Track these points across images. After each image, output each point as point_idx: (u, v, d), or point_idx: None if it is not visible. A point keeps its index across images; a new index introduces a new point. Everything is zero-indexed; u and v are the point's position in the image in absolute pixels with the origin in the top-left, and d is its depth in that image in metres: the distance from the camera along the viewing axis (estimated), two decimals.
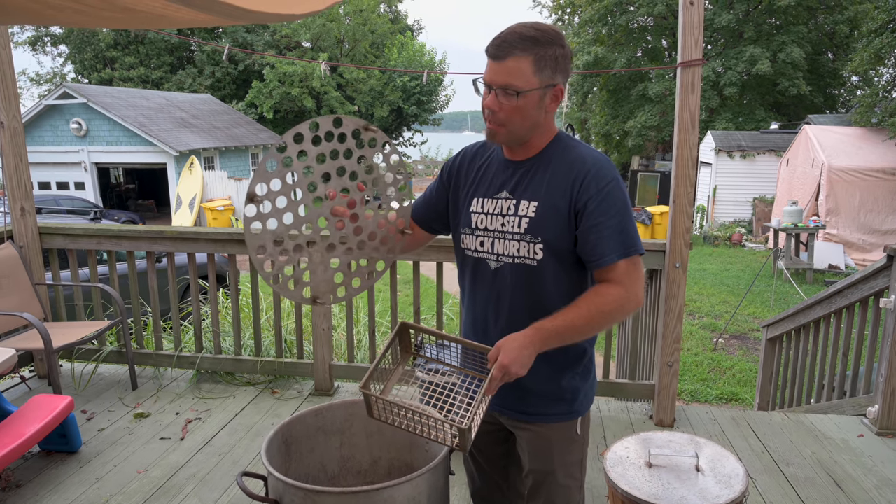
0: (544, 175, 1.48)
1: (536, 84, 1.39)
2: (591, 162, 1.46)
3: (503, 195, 1.52)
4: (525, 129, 1.46)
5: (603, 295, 1.42)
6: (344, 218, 1.57)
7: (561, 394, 1.55)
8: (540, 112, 1.44)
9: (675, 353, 3.12)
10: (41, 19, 0.90)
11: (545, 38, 1.39)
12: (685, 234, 2.98)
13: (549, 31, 1.40)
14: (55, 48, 31.19)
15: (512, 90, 1.39)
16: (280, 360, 3.67)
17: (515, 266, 1.50)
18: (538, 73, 1.39)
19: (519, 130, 1.46)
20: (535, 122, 1.46)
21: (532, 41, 1.37)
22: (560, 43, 1.41)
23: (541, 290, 1.50)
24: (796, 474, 2.76)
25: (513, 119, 1.43)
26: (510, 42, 1.38)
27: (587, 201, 1.43)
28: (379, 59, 29.17)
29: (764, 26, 21.34)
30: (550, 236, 1.46)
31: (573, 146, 1.51)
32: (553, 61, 1.40)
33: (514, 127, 1.45)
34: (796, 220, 11.40)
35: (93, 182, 19.37)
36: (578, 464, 1.61)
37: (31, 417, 2.63)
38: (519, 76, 1.38)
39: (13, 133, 3.52)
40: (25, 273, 3.58)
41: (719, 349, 7.63)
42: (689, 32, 2.79)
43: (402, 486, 1.45)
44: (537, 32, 1.38)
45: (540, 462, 1.59)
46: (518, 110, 1.42)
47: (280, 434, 1.71)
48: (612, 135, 25.56)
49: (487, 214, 1.54)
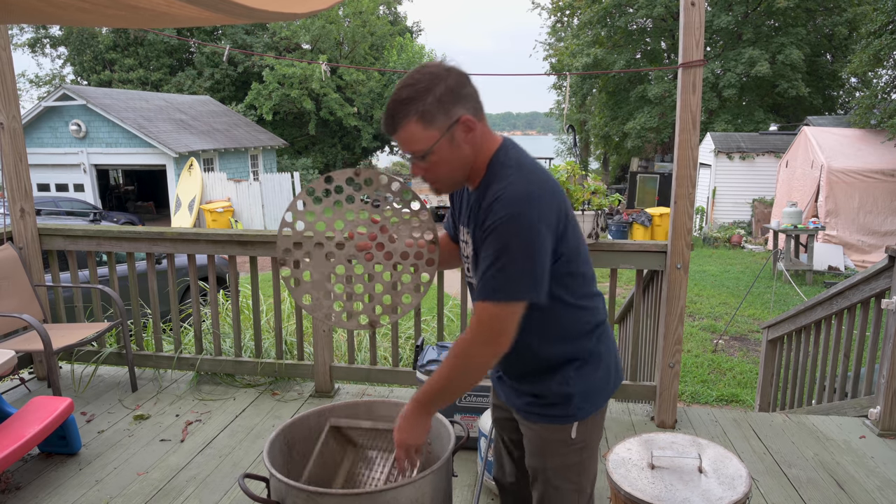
0: (479, 206, 1.46)
1: (436, 136, 1.38)
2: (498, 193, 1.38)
3: (466, 226, 1.56)
4: (459, 173, 1.46)
5: (456, 345, 1.43)
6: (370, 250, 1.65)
7: (551, 398, 1.55)
8: (460, 151, 1.42)
9: (676, 354, 3.11)
10: (45, 18, 0.89)
11: (418, 90, 1.36)
12: (686, 234, 2.98)
13: (422, 79, 1.37)
14: (54, 50, 31.22)
15: (418, 155, 1.40)
16: (280, 361, 3.66)
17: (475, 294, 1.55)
18: (430, 126, 1.37)
19: (454, 177, 1.46)
20: (462, 162, 1.44)
21: (408, 102, 1.36)
22: (436, 83, 1.37)
23: None
24: (798, 476, 2.75)
25: (439, 174, 1.44)
26: (392, 114, 1.39)
27: (482, 234, 1.40)
28: (378, 61, 29.18)
29: (763, 28, 21.38)
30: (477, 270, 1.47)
31: (503, 169, 1.43)
32: (438, 105, 1.36)
33: (447, 178, 1.46)
34: (796, 222, 11.40)
35: (92, 184, 19.36)
36: (575, 467, 1.58)
37: (30, 419, 2.62)
38: (415, 141, 1.39)
39: (13, 134, 3.51)
40: (25, 274, 3.57)
41: (719, 351, 7.62)
42: (691, 33, 2.78)
43: (404, 487, 1.44)
44: (409, 90, 1.37)
45: (534, 459, 1.60)
46: (437, 165, 1.42)
47: (282, 435, 1.70)
48: (611, 136, 25.59)
49: (462, 243, 1.59)
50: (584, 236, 3.03)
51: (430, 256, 1.67)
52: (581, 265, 1.52)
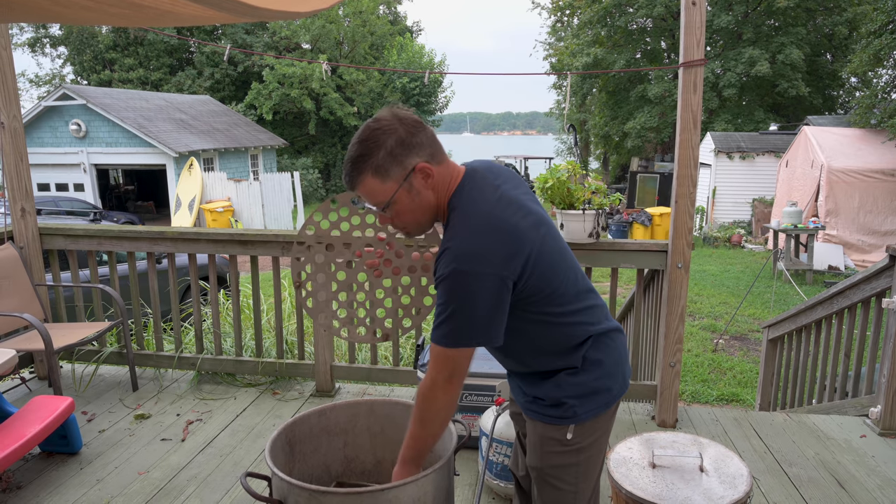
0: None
1: (394, 187, 1.42)
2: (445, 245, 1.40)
3: None
4: (424, 217, 1.49)
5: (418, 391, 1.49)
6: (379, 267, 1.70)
7: (547, 401, 1.57)
8: (421, 197, 1.45)
9: (677, 353, 3.11)
10: (48, 16, 0.89)
11: (370, 146, 1.39)
12: (688, 234, 2.98)
13: (371, 135, 1.40)
14: (54, 49, 31.21)
15: (380, 207, 1.45)
16: (281, 361, 3.66)
17: None
18: (387, 179, 1.41)
19: (420, 222, 1.50)
20: (425, 207, 1.47)
21: (361, 159, 1.40)
22: (386, 136, 1.39)
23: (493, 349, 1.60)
24: (799, 475, 2.75)
25: (405, 221, 1.49)
26: (348, 172, 1.43)
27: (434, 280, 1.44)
28: (378, 61, 29.18)
29: (763, 28, 21.38)
30: None
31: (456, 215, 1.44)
32: (391, 158, 1.39)
33: (412, 224, 1.50)
34: (796, 221, 11.40)
35: (92, 183, 19.36)
36: (570, 469, 1.58)
37: (31, 419, 2.62)
38: (375, 194, 1.43)
39: (13, 133, 3.51)
40: (26, 274, 3.57)
41: (720, 350, 7.62)
42: (692, 32, 2.78)
43: (407, 486, 1.44)
44: (361, 146, 1.40)
45: (531, 456, 1.62)
46: (400, 214, 1.47)
47: (284, 434, 1.71)
48: (611, 136, 25.59)
49: None
50: (586, 235, 3.03)
51: None
52: (562, 285, 1.49)
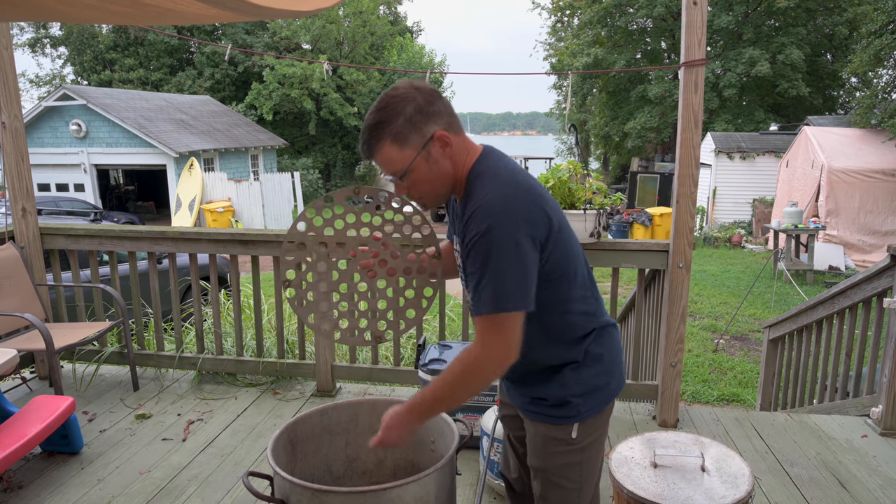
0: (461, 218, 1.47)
1: (412, 155, 1.40)
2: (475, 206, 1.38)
3: (457, 238, 1.55)
4: (441, 187, 1.47)
5: (462, 357, 1.42)
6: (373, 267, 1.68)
7: (552, 401, 1.55)
8: (439, 166, 1.43)
9: (678, 353, 3.11)
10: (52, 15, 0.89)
11: (388, 113, 1.38)
12: (689, 233, 2.98)
13: (390, 101, 1.39)
14: (54, 50, 31.22)
15: (398, 175, 1.43)
16: (282, 360, 3.66)
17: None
18: (405, 146, 1.39)
19: (437, 191, 1.47)
20: (442, 177, 1.45)
21: (379, 126, 1.38)
22: (404, 104, 1.38)
23: None
24: (801, 475, 2.75)
25: (422, 190, 1.46)
26: (366, 140, 1.41)
27: (464, 250, 1.41)
28: (379, 61, 29.19)
29: (763, 28, 21.39)
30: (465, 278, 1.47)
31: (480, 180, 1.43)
32: (410, 125, 1.38)
33: (430, 194, 1.48)
34: (796, 222, 11.41)
35: (92, 184, 19.37)
36: (575, 467, 1.58)
37: (32, 418, 2.62)
38: (392, 162, 1.41)
39: (14, 133, 3.51)
40: (27, 274, 3.57)
41: (720, 350, 7.62)
42: (693, 32, 2.78)
43: (409, 485, 1.44)
44: (379, 113, 1.39)
45: (535, 458, 1.61)
46: (417, 183, 1.44)
47: (286, 434, 1.70)
48: (611, 136, 25.60)
49: (458, 253, 1.58)
50: (587, 235, 3.03)
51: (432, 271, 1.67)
52: (576, 269, 1.50)
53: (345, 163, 28.75)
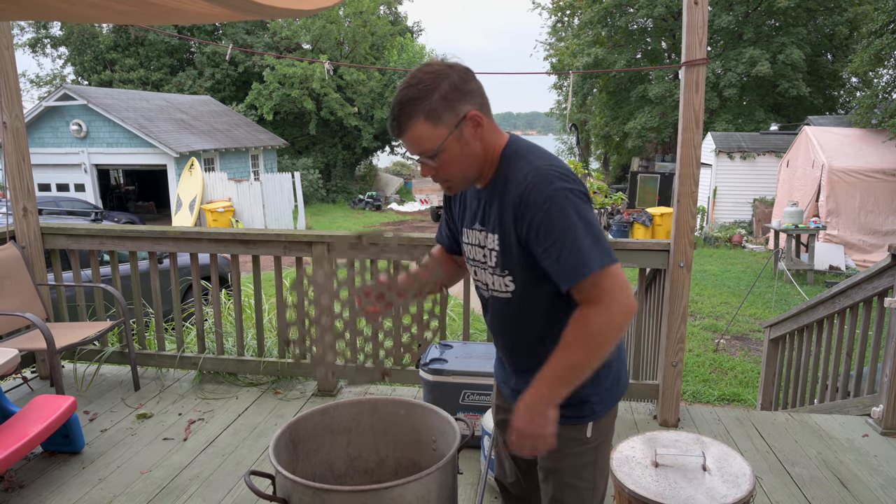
0: (500, 201, 1.43)
1: (445, 134, 1.35)
2: (527, 181, 1.35)
3: (477, 226, 1.51)
4: (471, 170, 1.42)
5: (586, 321, 1.34)
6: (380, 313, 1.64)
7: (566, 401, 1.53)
8: (469, 147, 1.39)
9: (679, 352, 3.11)
10: (56, 14, 0.89)
11: (422, 89, 1.33)
12: (689, 233, 2.98)
13: (425, 78, 1.34)
14: (55, 50, 31.21)
15: (427, 155, 1.38)
16: (283, 360, 3.66)
17: (496, 298, 1.53)
18: (439, 125, 1.34)
19: (466, 174, 1.43)
20: (473, 159, 1.41)
21: (413, 102, 1.33)
22: (440, 81, 1.34)
23: (524, 318, 1.50)
24: (802, 474, 2.75)
25: (451, 172, 1.41)
26: (397, 115, 1.35)
27: (528, 229, 1.35)
28: (379, 61, 29.18)
29: (763, 28, 21.39)
30: (517, 268, 1.43)
31: (518, 158, 1.41)
32: (444, 102, 1.33)
33: (458, 176, 1.43)
34: (797, 221, 11.41)
35: (93, 184, 19.38)
36: (589, 466, 1.58)
37: (33, 418, 2.62)
38: (424, 141, 1.35)
39: (16, 133, 3.51)
40: (28, 273, 3.57)
41: (721, 350, 7.62)
42: (693, 32, 2.79)
43: (411, 484, 1.44)
44: (412, 89, 1.34)
45: (548, 460, 1.58)
46: (447, 164, 1.39)
47: (287, 433, 1.71)
48: (611, 136, 25.60)
49: (472, 246, 1.54)
50: None
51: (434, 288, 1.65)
52: None
53: (345, 163, 28.75)
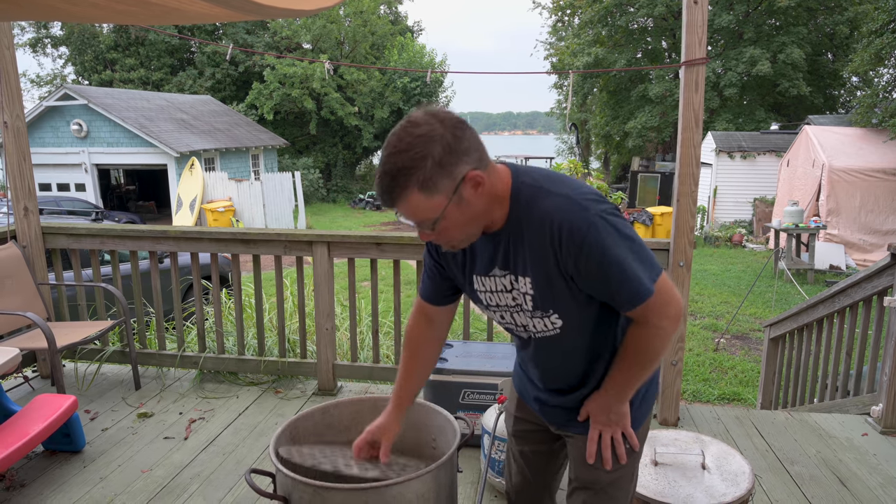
0: (523, 243, 1.33)
1: (443, 202, 1.22)
2: (558, 218, 1.25)
3: (496, 272, 1.40)
4: (474, 228, 1.31)
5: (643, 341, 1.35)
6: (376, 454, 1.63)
7: None
8: (472, 208, 1.26)
9: (678, 352, 3.12)
10: (57, 14, 0.90)
11: (413, 157, 1.18)
12: (689, 232, 2.98)
13: (414, 142, 1.18)
14: (55, 50, 31.22)
15: (426, 225, 1.26)
16: (283, 359, 3.67)
17: (542, 337, 1.46)
18: (435, 194, 1.20)
19: (470, 233, 1.32)
20: (477, 218, 1.29)
21: (404, 173, 1.18)
22: (430, 145, 1.18)
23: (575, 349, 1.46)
24: (801, 473, 2.76)
25: (453, 235, 1.30)
26: (387, 188, 1.21)
27: (575, 264, 1.27)
28: (379, 61, 29.19)
29: (764, 27, 21.39)
30: (560, 305, 1.36)
31: (533, 197, 1.30)
32: (439, 169, 1.19)
33: (461, 237, 1.32)
34: (797, 221, 11.41)
35: (93, 183, 19.39)
36: (628, 476, 1.56)
37: (34, 417, 2.62)
38: (420, 211, 1.23)
39: (17, 133, 3.52)
40: (29, 273, 3.58)
41: (721, 349, 7.62)
42: (693, 31, 2.79)
43: (411, 482, 1.45)
44: (402, 157, 1.18)
45: (589, 471, 1.53)
46: (448, 230, 1.28)
47: (288, 431, 1.71)
48: (612, 136, 25.59)
49: (493, 293, 1.44)
50: None
51: None
52: None
53: (345, 162, 28.76)
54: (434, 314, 1.63)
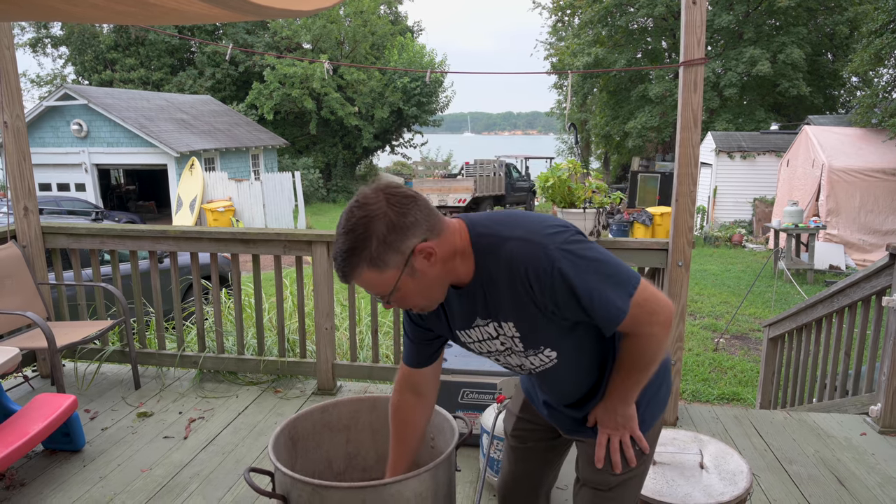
0: (497, 290, 1.35)
1: (395, 275, 1.27)
2: (522, 263, 1.27)
3: (479, 322, 1.43)
4: (435, 293, 1.35)
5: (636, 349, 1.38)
6: None
7: None
8: (427, 277, 1.30)
9: (677, 351, 3.12)
10: (57, 15, 0.90)
11: (358, 237, 1.23)
12: (688, 232, 2.99)
13: (359, 222, 1.23)
14: (55, 50, 31.20)
15: (384, 298, 1.32)
16: (283, 359, 3.67)
17: (540, 372, 1.49)
18: (385, 269, 1.26)
19: (431, 298, 1.36)
20: (433, 284, 1.33)
21: (352, 253, 1.24)
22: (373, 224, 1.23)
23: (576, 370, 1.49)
24: (800, 472, 2.76)
25: (414, 302, 1.35)
26: (340, 268, 1.27)
27: (552, 301, 1.30)
28: (379, 61, 29.20)
29: (764, 27, 21.39)
30: (549, 340, 1.40)
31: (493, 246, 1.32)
32: (384, 246, 1.23)
33: (423, 302, 1.36)
34: (797, 221, 11.41)
35: (93, 183, 19.39)
36: (637, 479, 1.57)
37: (34, 416, 2.63)
38: (375, 286, 1.29)
39: (17, 133, 3.52)
40: (29, 272, 3.58)
41: (720, 349, 7.63)
42: (692, 31, 2.79)
43: (408, 481, 1.45)
44: (349, 237, 1.24)
45: (598, 473, 1.54)
46: (407, 297, 1.32)
47: (287, 430, 1.72)
48: (612, 136, 25.59)
49: (481, 342, 1.47)
50: (587, 233, 3.04)
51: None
52: None
53: (345, 162, 28.77)
54: (420, 381, 1.63)
